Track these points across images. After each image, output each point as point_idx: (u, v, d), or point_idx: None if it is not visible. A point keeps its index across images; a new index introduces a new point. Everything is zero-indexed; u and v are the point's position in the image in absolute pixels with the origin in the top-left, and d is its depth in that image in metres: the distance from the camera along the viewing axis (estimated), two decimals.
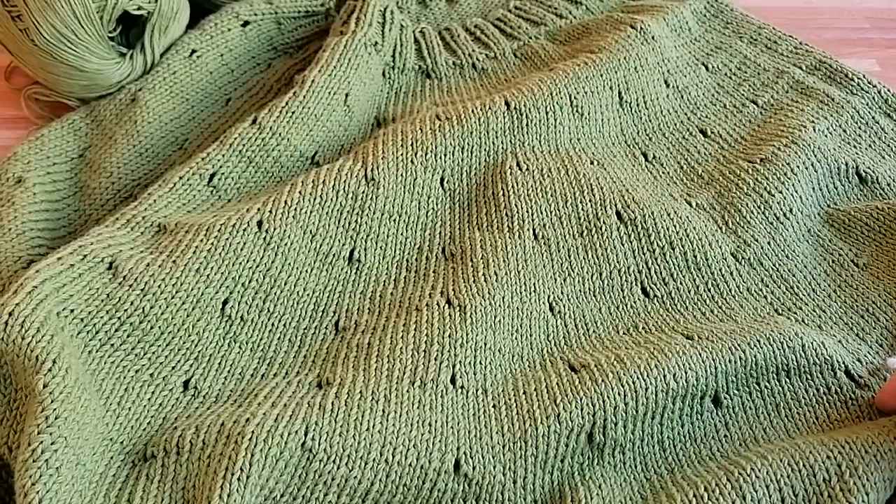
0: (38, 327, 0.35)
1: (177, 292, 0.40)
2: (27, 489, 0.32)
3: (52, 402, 0.33)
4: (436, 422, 0.37)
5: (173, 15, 0.54)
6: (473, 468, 0.36)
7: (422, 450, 0.36)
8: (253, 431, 0.34)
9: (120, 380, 0.38)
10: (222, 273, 0.41)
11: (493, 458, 0.36)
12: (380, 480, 0.35)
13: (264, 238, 0.43)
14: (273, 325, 0.42)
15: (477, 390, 0.39)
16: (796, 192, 0.49)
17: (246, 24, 0.57)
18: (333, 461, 0.35)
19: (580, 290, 0.46)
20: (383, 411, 0.37)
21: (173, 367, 0.39)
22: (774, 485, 0.34)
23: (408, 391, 0.38)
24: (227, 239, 0.42)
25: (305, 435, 0.35)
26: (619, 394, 0.38)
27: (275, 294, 0.43)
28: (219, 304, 0.41)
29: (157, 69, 0.54)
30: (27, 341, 0.35)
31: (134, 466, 0.36)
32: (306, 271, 0.44)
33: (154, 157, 0.52)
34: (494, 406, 0.38)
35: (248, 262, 0.42)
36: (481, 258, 0.45)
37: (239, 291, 0.42)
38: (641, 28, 0.58)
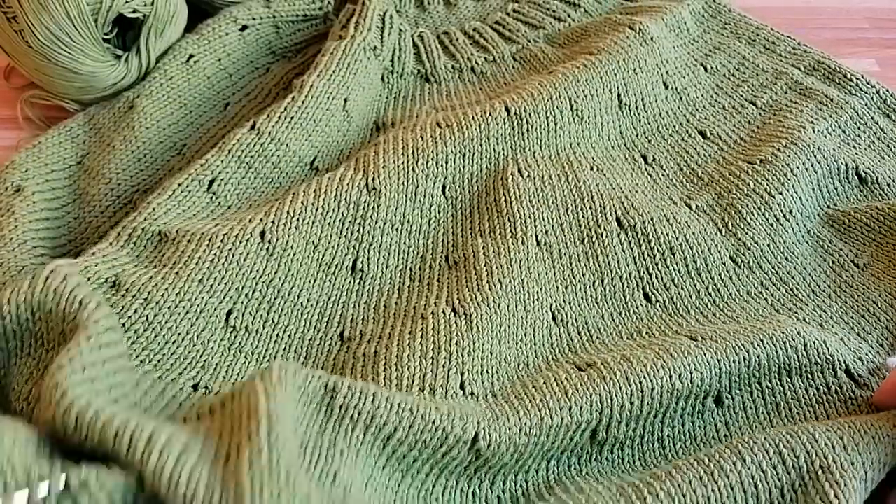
0: (77, 282, 0.36)
1: (180, 301, 0.40)
2: (59, 382, 0.30)
3: (95, 325, 0.33)
4: (455, 401, 0.37)
5: (170, 18, 0.53)
6: (488, 446, 0.35)
7: (444, 413, 0.35)
8: (280, 364, 0.33)
9: (130, 376, 0.38)
10: (226, 283, 0.41)
11: (509, 439, 0.36)
12: (403, 428, 0.34)
13: (267, 249, 0.43)
14: (278, 336, 0.42)
15: (486, 395, 0.39)
16: (796, 192, 0.49)
17: (244, 28, 0.57)
18: (359, 397, 0.34)
19: (582, 298, 0.46)
20: None
21: (180, 374, 0.39)
22: (774, 448, 0.34)
23: (418, 395, 0.38)
24: (229, 249, 0.42)
25: (329, 378, 0.34)
26: (626, 393, 0.37)
27: (279, 305, 0.43)
28: (223, 314, 0.41)
29: (155, 75, 0.54)
30: (69, 288, 0.35)
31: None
32: (310, 282, 0.44)
33: (153, 162, 0.52)
34: (507, 402, 0.38)
35: (251, 272, 0.42)
36: (484, 265, 0.45)
37: (243, 302, 0.42)
38: (640, 29, 0.57)
